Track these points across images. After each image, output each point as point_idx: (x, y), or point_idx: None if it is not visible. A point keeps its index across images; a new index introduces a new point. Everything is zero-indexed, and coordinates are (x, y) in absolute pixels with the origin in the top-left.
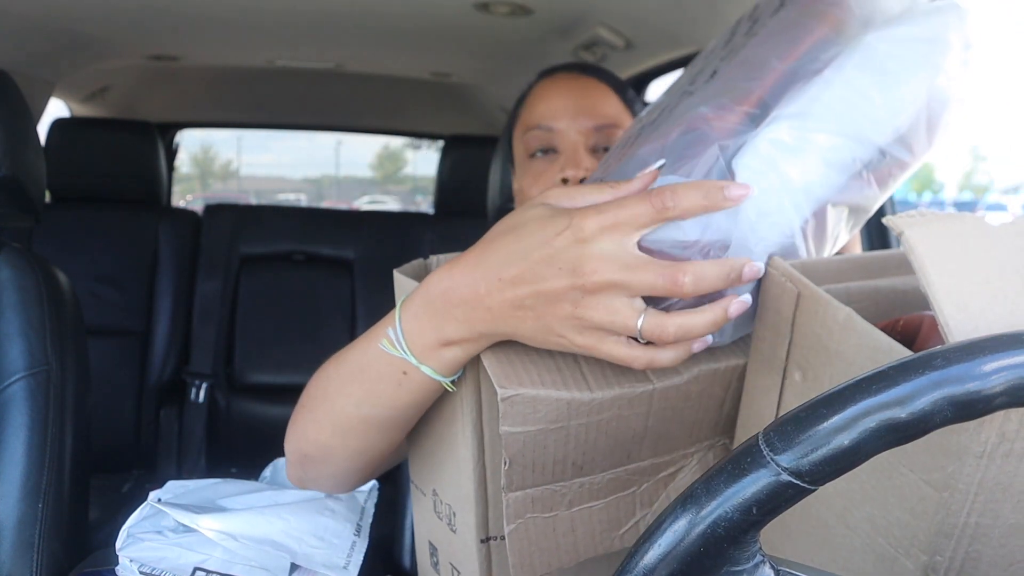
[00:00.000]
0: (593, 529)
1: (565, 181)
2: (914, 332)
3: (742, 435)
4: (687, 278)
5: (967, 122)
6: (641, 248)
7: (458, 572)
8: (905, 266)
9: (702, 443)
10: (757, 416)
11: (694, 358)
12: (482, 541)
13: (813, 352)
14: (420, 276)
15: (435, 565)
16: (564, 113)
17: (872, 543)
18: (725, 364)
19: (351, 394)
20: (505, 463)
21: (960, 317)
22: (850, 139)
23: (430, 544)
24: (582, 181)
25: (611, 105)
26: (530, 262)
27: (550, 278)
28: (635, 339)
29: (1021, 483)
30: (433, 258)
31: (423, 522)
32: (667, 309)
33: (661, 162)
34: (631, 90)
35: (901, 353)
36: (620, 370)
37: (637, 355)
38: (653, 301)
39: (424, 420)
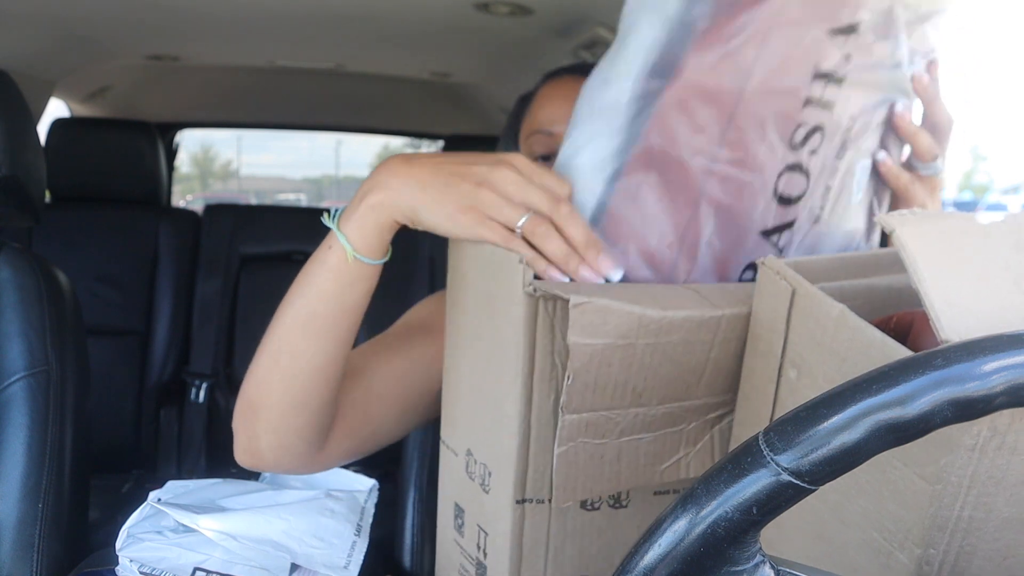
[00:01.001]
0: (638, 460)
1: None
2: (907, 328)
3: (739, 433)
4: (564, 208)
5: (966, 122)
6: None
7: (485, 534)
8: (898, 264)
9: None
10: (754, 414)
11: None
12: (517, 502)
13: (808, 349)
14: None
15: (459, 527)
16: (565, 117)
17: (866, 537)
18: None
19: (288, 300)
20: (568, 378)
21: (951, 313)
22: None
23: (456, 506)
24: None
25: None
26: (459, 161)
27: (465, 167)
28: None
29: (1014, 477)
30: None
31: (450, 483)
32: None
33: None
34: None
35: (894, 349)
36: (691, 297)
37: (508, 240)
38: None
39: (466, 375)
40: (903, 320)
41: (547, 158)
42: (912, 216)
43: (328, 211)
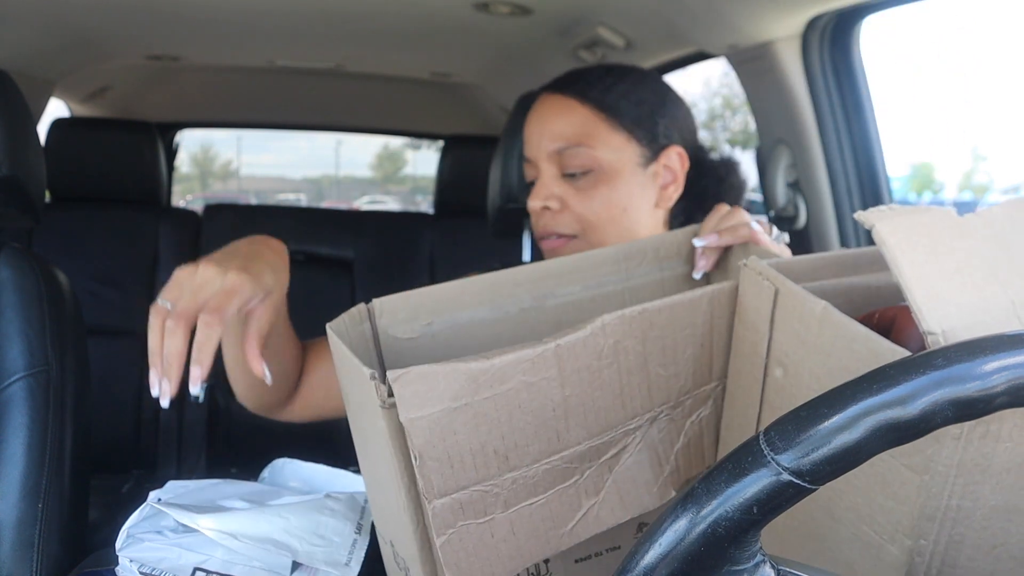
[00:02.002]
0: (536, 529)
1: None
2: (889, 324)
3: (727, 435)
4: (170, 321)
5: (967, 122)
6: None
7: None
8: (877, 263)
9: (641, 416)
10: (741, 414)
11: (594, 308)
12: None
13: (792, 347)
14: (357, 326)
15: None
16: (529, 141)
17: (857, 532)
18: (631, 311)
19: None
20: (415, 459)
21: (932, 305)
22: None
23: None
24: (546, 209)
25: (572, 121)
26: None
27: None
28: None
29: (999, 464)
30: (376, 302)
31: (389, 569)
32: None
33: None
34: (624, 84)
35: (877, 342)
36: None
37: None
38: None
39: (372, 476)
40: (885, 316)
41: (532, 182)
42: (889, 211)
43: None
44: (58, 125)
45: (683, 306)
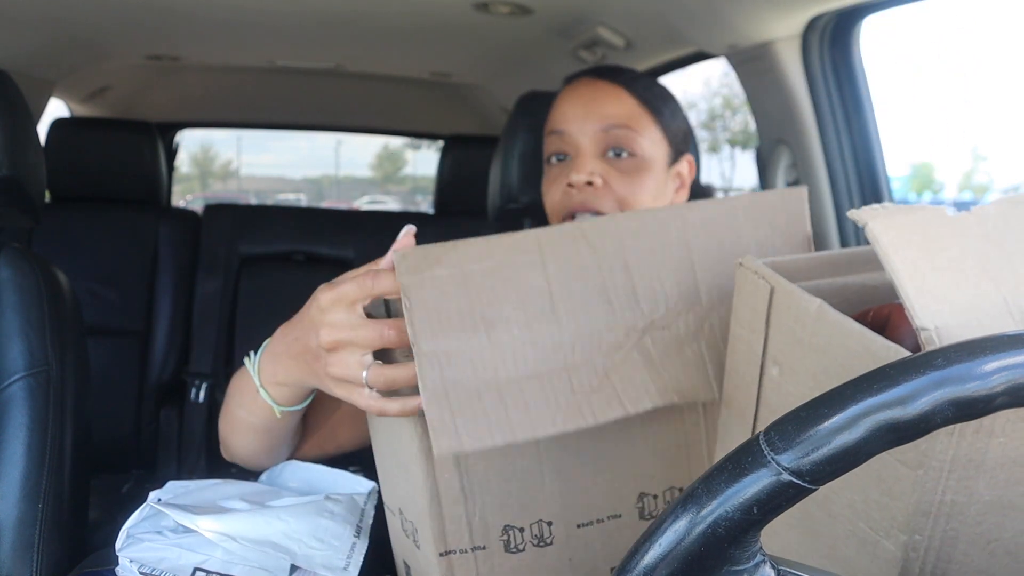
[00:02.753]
0: (526, 406)
1: (571, 185)
2: (884, 322)
3: (725, 433)
4: (391, 331)
5: (967, 122)
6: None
7: None
8: (872, 263)
9: (631, 323)
10: (738, 413)
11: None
12: (441, 555)
13: (788, 346)
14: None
15: None
16: (573, 117)
17: (854, 528)
18: (605, 217)
19: (233, 397)
20: (406, 303)
21: (925, 301)
22: None
23: (404, 563)
24: (589, 184)
25: (622, 105)
26: (302, 325)
27: (307, 338)
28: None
29: (993, 459)
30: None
31: (396, 541)
32: None
33: (405, 229)
34: (657, 87)
35: (872, 339)
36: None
37: (374, 405)
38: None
39: (384, 442)
40: (879, 314)
41: (561, 158)
42: (883, 209)
43: (249, 355)
44: (58, 125)
45: (652, 217)
